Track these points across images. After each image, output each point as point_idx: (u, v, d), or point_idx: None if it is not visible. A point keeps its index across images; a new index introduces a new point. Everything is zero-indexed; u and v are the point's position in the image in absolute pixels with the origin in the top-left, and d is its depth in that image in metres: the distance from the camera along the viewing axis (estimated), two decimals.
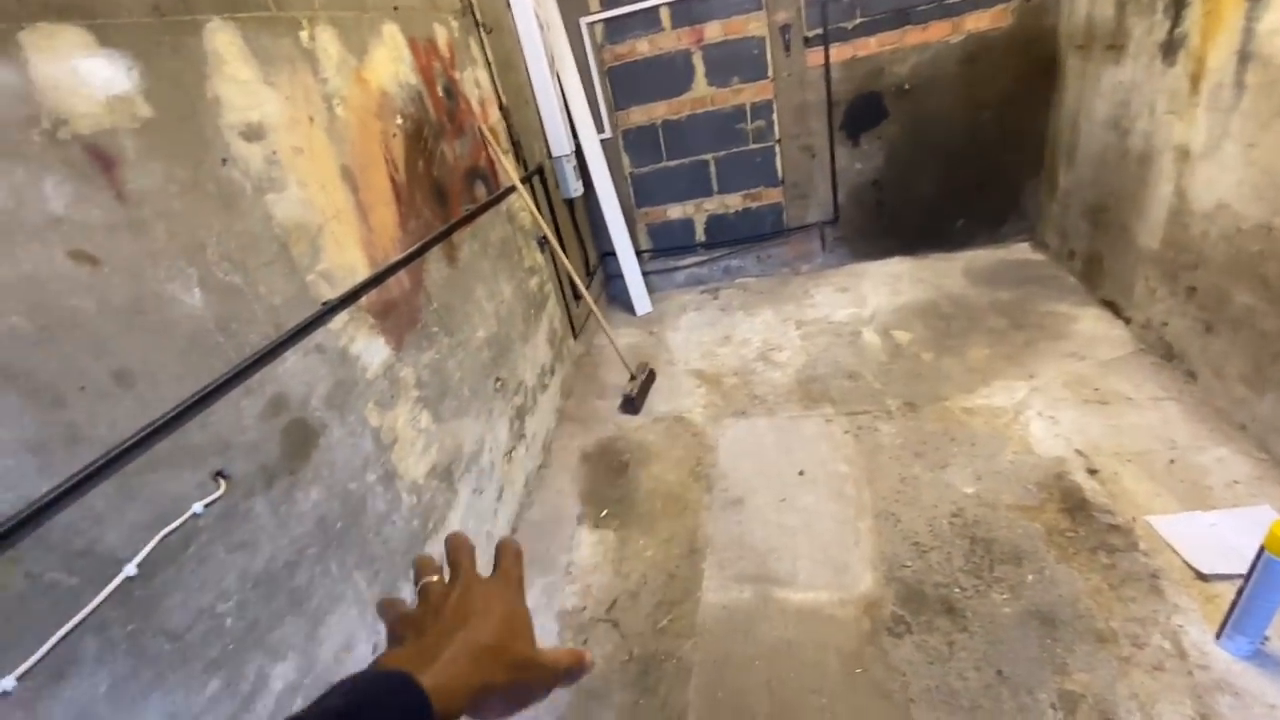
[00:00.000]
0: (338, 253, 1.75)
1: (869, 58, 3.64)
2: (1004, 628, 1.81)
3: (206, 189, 1.37)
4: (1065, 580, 1.89)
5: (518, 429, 2.78)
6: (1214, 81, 2.22)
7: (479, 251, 2.62)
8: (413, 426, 1.98)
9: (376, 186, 1.98)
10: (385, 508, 1.80)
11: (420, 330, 2.11)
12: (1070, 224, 3.47)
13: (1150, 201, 2.68)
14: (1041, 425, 2.49)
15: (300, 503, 1.51)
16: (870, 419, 2.77)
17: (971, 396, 2.75)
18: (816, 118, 3.86)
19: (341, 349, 1.72)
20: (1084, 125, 3.22)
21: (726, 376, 3.37)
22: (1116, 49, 2.85)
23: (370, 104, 2.01)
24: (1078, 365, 2.77)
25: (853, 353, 3.28)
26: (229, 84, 1.47)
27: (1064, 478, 2.23)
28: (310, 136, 1.71)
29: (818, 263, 4.35)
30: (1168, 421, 2.36)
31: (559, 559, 2.44)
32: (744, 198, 4.22)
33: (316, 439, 1.58)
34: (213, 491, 1.28)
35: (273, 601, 1.40)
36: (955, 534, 2.13)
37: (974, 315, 3.35)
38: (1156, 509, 2.03)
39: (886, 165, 3.93)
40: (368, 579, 1.70)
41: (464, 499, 2.23)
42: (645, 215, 4.40)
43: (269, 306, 1.48)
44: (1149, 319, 2.75)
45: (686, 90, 3.91)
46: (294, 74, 1.68)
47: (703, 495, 2.59)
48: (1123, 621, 1.74)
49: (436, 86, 2.47)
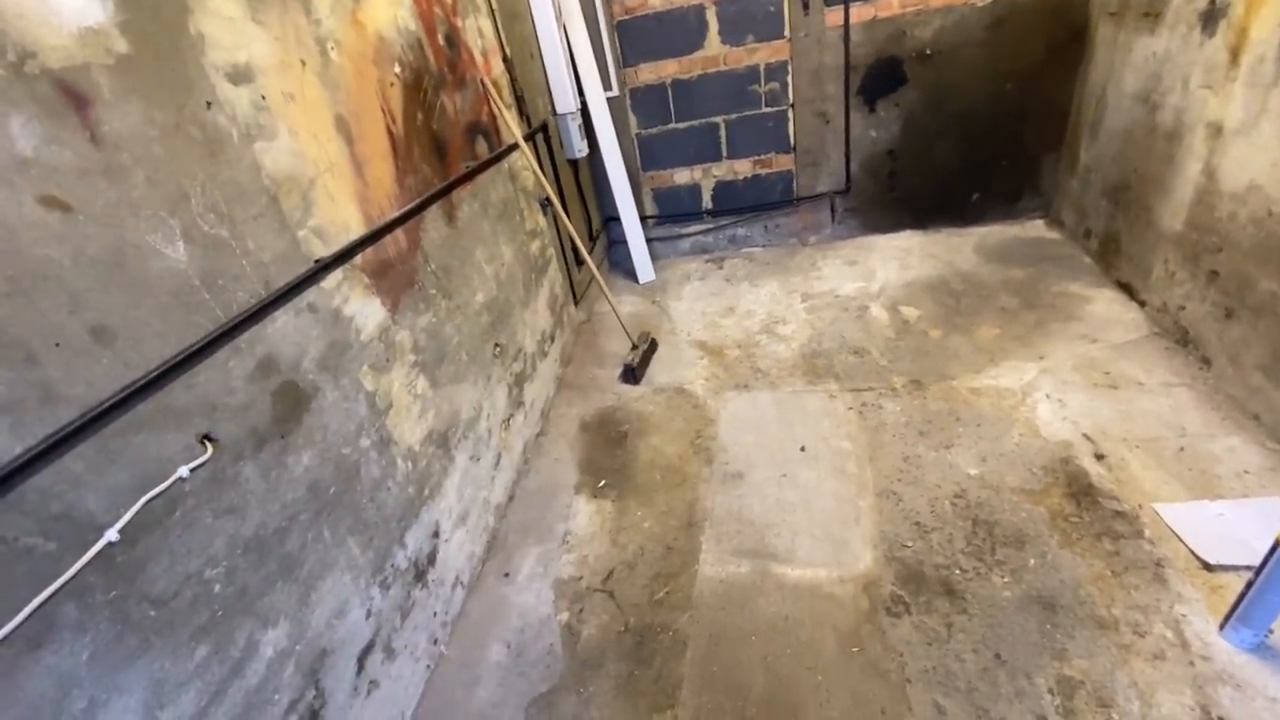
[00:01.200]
0: (331, 208, 1.66)
1: (891, 19, 3.48)
2: (1004, 611, 1.79)
3: (190, 134, 1.29)
4: (1068, 565, 1.87)
5: (516, 396, 2.73)
6: (1256, 55, 2.11)
7: (479, 212, 2.53)
8: (409, 391, 1.93)
9: (372, 139, 1.88)
10: (380, 473, 1.76)
11: (417, 292, 2.04)
12: (1089, 201, 3.37)
13: (1176, 180, 2.58)
14: (1049, 408, 2.44)
15: (292, 467, 1.46)
16: (875, 396, 2.72)
17: (979, 376, 2.70)
18: (833, 82, 3.71)
19: (335, 309, 1.65)
20: (1111, 98, 3.10)
21: (729, 348, 3.31)
22: (1153, 17, 2.71)
23: (367, 49, 1.89)
24: (1089, 348, 2.71)
25: (859, 328, 3.22)
26: (213, 20, 1.36)
27: (1070, 462, 2.19)
28: (302, 81, 1.61)
29: (826, 234, 4.25)
30: (1179, 408, 2.31)
31: (556, 528, 2.42)
32: (754, 164, 4.09)
33: (309, 402, 1.53)
34: (199, 455, 1.23)
35: (263, 568, 1.37)
36: (957, 515, 2.10)
37: (984, 293, 3.27)
38: (1164, 496, 2.00)
39: (903, 134, 3.80)
40: (361, 545, 1.67)
41: (460, 466, 2.20)
42: (651, 179, 4.27)
43: (258, 262, 1.41)
44: (1165, 302, 2.69)
45: (698, 48, 3.74)
46: (285, 12, 1.57)
47: (702, 468, 2.56)
48: (1124, 609, 1.72)
49: (437, 34, 2.34)
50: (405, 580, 1.84)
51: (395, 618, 1.79)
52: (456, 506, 2.15)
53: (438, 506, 2.03)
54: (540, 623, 2.06)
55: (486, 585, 2.24)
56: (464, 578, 2.17)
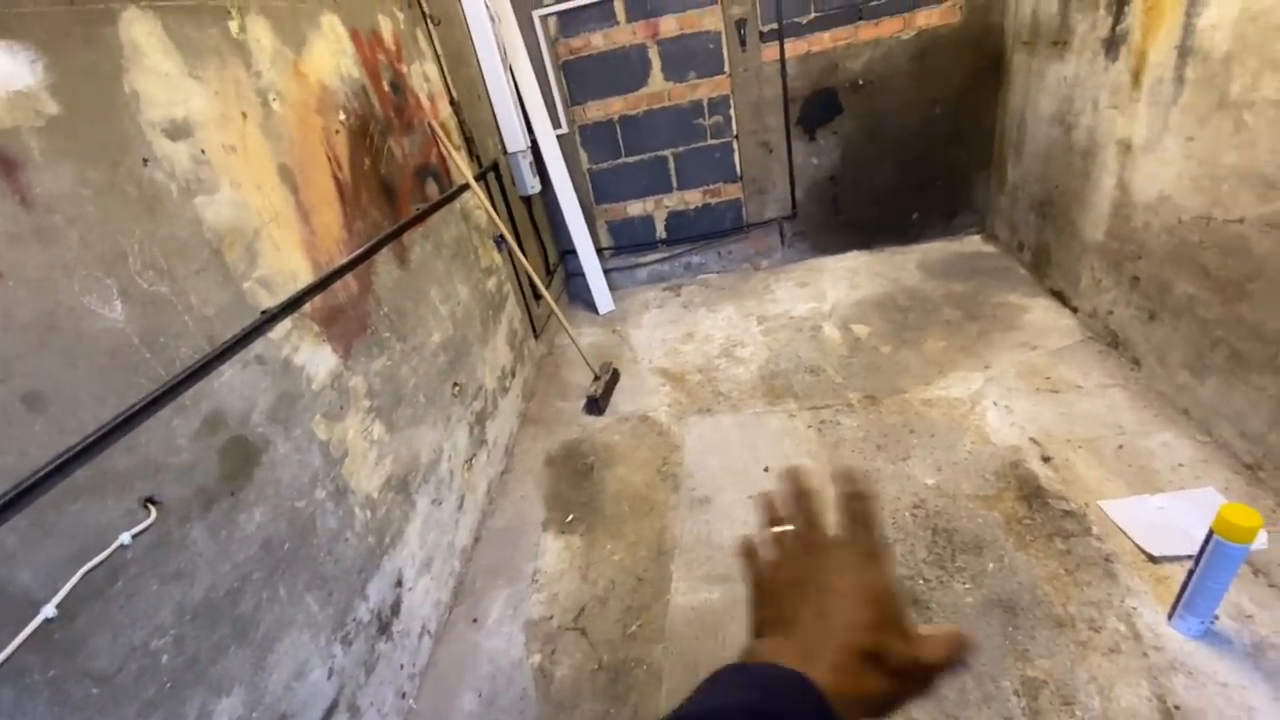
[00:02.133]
0: (277, 257, 1.65)
1: (823, 53, 3.66)
2: (967, 618, 1.83)
3: (126, 191, 1.27)
4: (1024, 567, 1.93)
5: (478, 435, 2.70)
6: (1155, 76, 2.29)
7: (432, 252, 2.53)
8: (365, 438, 1.90)
9: (319, 186, 1.88)
10: (337, 525, 1.72)
11: (370, 336, 2.02)
12: (1019, 216, 3.56)
13: (1094, 194, 2.76)
14: (997, 415, 2.54)
15: (243, 525, 1.42)
16: (832, 413, 2.78)
17: (929, 388, 2.79)
18: (773, 113, 3.87)
19: (284, 359, 1.62)
20: (1030, 120, 3.31)
21: (690, 374, 3.35)
22: (1061, 45, 2.92)
23: (310, 99, 1.90)
24: (1030, 355, 2.84)
25: (814, 347, 3.30)
26: (149, 77, 1.36)
27: (1020, 466, 2.28)
28: (244, 133, 1.61)
29: (777, 258, 4.37)
30: (1115, 408, 2.43)
31: (524, 567, 2.38)
32: (704, 194, 4.20)
33: (259, 456, 1.49)
34: (142, 520, 1.19)
35: (214, 633, 1.31)
36: (918, 525, 2.15)
37: (929, 307, 3.41)
38: (1107, 493, 2.09)
39: (842, 160, 3.97)
40: (320, 600, 1.61)
41: (422, 510, 2.15)
42: (605, 212, 4.34)
43: (201, 317, 1.38)
44: (1095, 308, 2.84)
45: (643, 85, 3.86)
46: (223, 67, 1.58)
47: (669, 495, 2.56)
48: (1079, 606, 1.78)
49: (382, 81, 2.36)
50: (368, 634, 1.78)
51: (359, 674, 1.73)
52: (420, 553, 2.10)
53: (400, 554, 1.98)
54: (512, 667, 2.01)
55: (455, 632, 2.18)
56: (431, 626, 2.11)
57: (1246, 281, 1.96)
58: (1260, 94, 1.82)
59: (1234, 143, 1.94)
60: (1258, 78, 1.83)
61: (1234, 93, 1.92)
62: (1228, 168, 1.98)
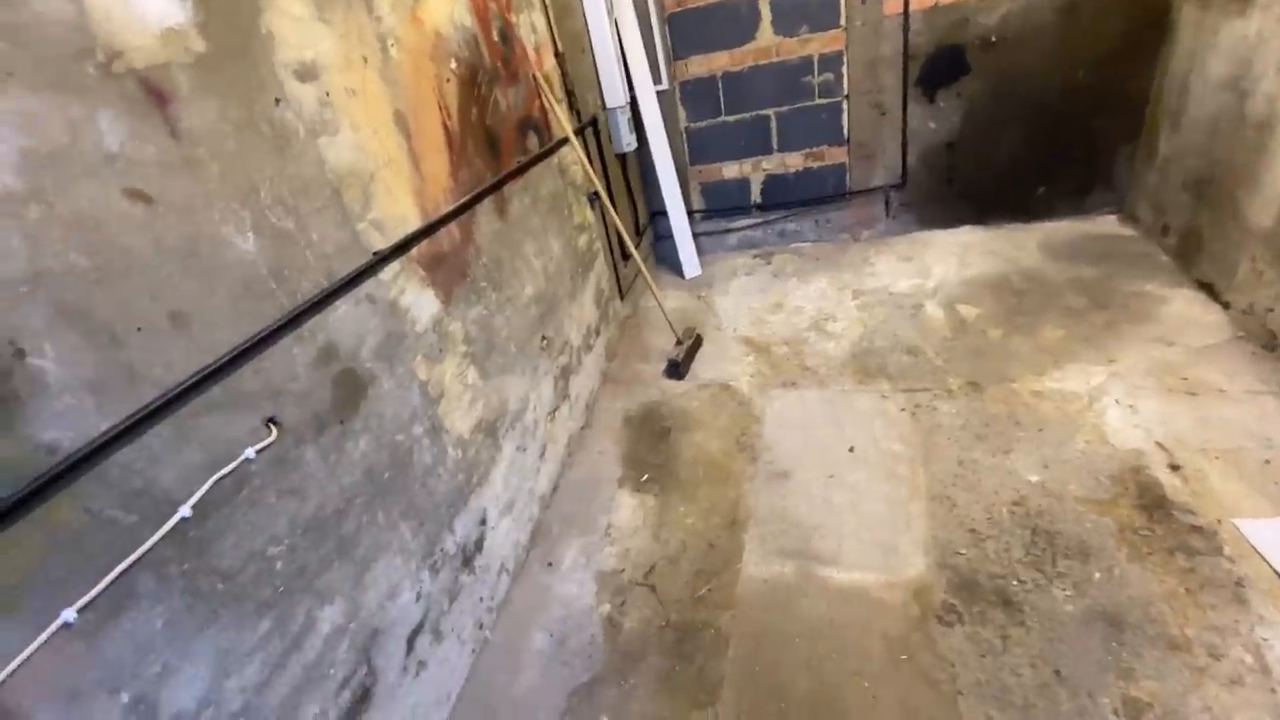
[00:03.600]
0: (389, 201, 1.71)
1: (953, 6, 3.34)
2: (1065, 626, 1.71)
3: (260, 129, 1.34)
4: (1137, 581, 1.77)
5: (562, 389, 2.75)
6: None
7: (529, 205, 2.56)
8: (460, 381, 1.97)
9: (429, 133, 1.92)
10: (431, 460, 1.80)
11: (469, 284, 2.07)
12: (1168, 196, 3.17)
13: (1268, 173, 2.40)
14: (1119, 414, 2.31)
15: (349, 452, 1.51)
16: (929, 397, 2.63)
17: (1042, 379, 2.57)
18: (890, 72, 3.59)
19: (392, 300, 1.69)
20: (1195, 86, 2.90)
21: (776, 345, 3.26)
22: None
23: (425, 46, 1.93)
24: (1165, 351, 2.56)
25: (913, 326, 3.12)
26: (282, 19, 1.41)
27: (1141, 472, 2.07)
28: (364, 78, 1.65)
29: (880, 229, 4.13)
30: (1265, 418, 2.15)
31: (599, 520, 2.43)
32: (805, 157, 4.00)
33: (366, 390, 1.58)
34: (265, 438, 1.29)
35: (321, 547, 1.42)
36: (1015, 523, 2.01)
37: (1049, 292, 3.12)
38: (1246, 511, 1.87)
39: (963, 126, 3.65)
40: (413, 529, 1.71)
41: (507, 455, 2.23)
42: (699, 173, 4.23)
43: (321, 254, 1.46)
44: (1252, 304, 2.50)
45: (750, 40, 3.68)
46: (348, 10, 1.62)
47: (746, 466, 2.53)
48: (1199, 630, 1.62)
49: (492, 30, 2.37)
50: (453, 565, 1.89)
51: (444, 601, 1.84)
52: (503, 495, 2.19)
53: (485, 494, 2.07)
54: (582, 613, 2.08)
55: (530, 574, 2.27)
56: (509, 565, 2.21)
57: None
58: None
59: None
60: None
61: None
62: None
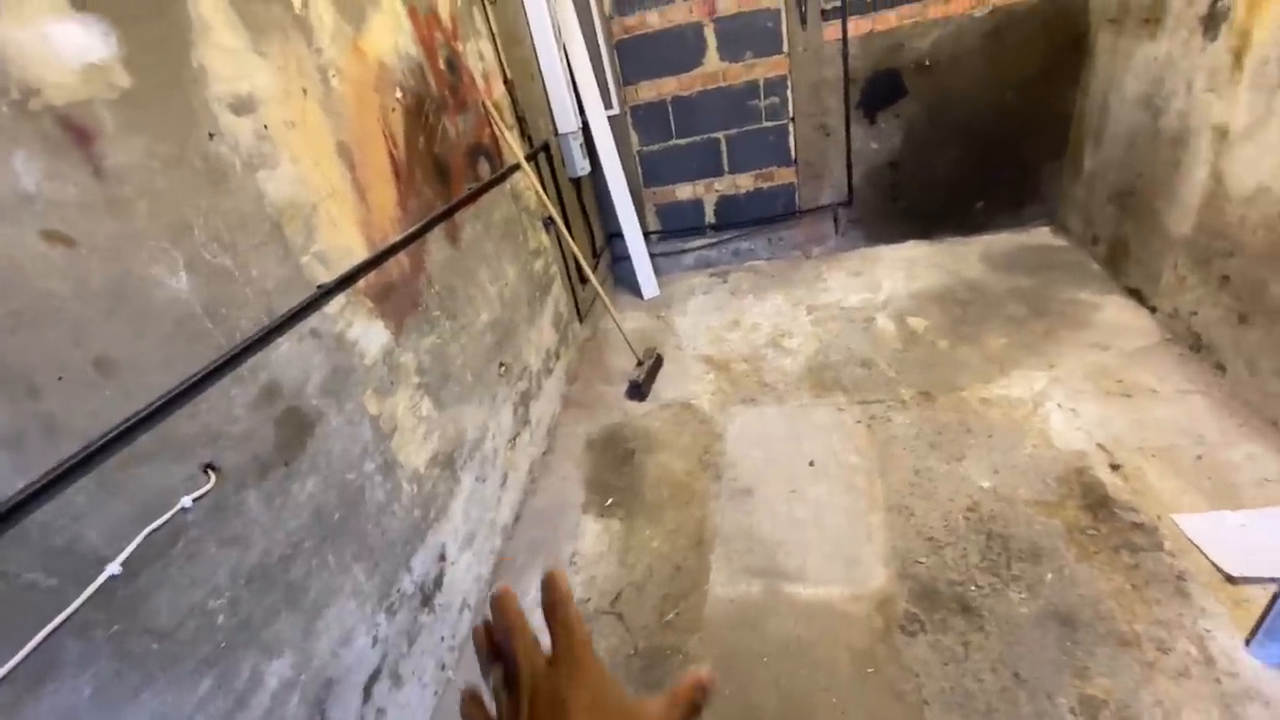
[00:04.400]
0: (333, 233, 1.67)
1: (888, 32, 3.49)
2: (1021, 628, 1.75)
3: (193, 165, 1.30)
4: (1086, 580, 1.82)
5: (522, 415, 2.72)
6: (1259, 57, 2.10)
7: (482, 232, 2.54)
8: (413, 414, 1.92)
9: (375, 163, 1.90)
10: (384, 498, 1.75)
11: (421, 314, 2.04)
12: (1095, 208, 3.35)
13: (1183, 185, 2.56)
14: (1062, 417, 2.40)
15: (296, 494, 1.46)
16: (883, 408, 2.69)
17: (989, 386, 2.66)
18: (833, 95, 3.72)
19: (338, 334, 1.65)
20: (1114, 104, 3.09)
21: (735, 362, 3.30)
22: (1152, 23, 2.71)
23: (368, 76, 1.92)
24: (1100, 355, 2.68)
25: (866, 339, 3.19)
26: (215, 52, 1.38)
27: (1085, 473, 2.15)
28: (304, 110, 1.63)
29: (830, 246, 4.24)
30: (1194, 416, 2.27)
31: (563, 548, 2.40)
32: (755, 178, 4.10)
33: (312, 428, 1.52)
34: (202, 485, 1.23)
35: (267, 596, 1.36)
36: (971, 529, 2.06)
37: (992, 302, 3.25)
38: (1183, 507, 1.96)
39: (904, 145, 3.80)
40: (366, 571, 1.65)
41: (467, 487, 2.18)
42: (654, 195, 4.28)
43: (261, 290, 1.41)
44: (1177, 308, 2.65)
45: (697, 65, 3.77)
46: (286, 43, 1.59)
47: (710, 485, 2.53)
48: (1147, 625, 1.68)
49: (438, 59, 2.37)
50: (412, 605, 1.82)
51: (402, 644, 1.77)
52: (463, 528, 2.13)
53: (444, 529, 2.02)
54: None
55: None
56: (471, 600, 2.15)
57: None
58: None
59: None
60: None
61: None
62: None
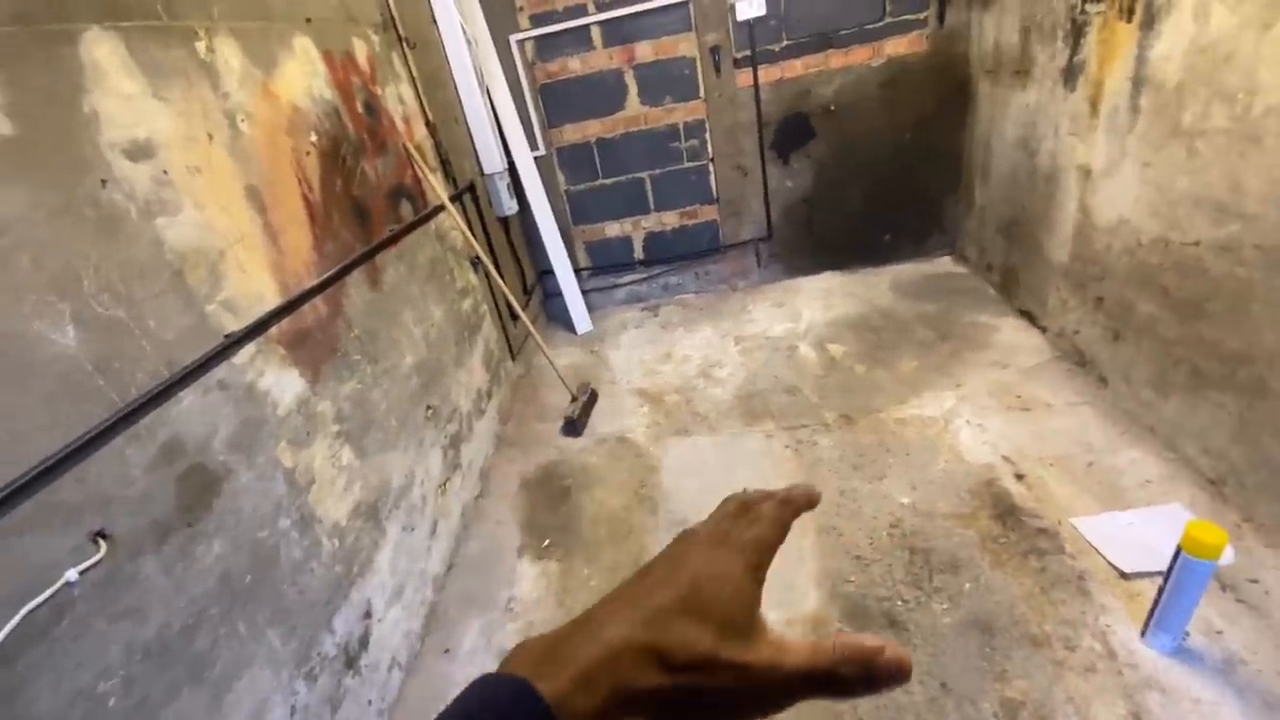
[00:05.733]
0: (243, 280, 1.61)
1: (796, 79, 3.74)
2: (945, 638, 1.83)
3: (82, 213, 1.23)
4: (1000, 586, 1.93)
5: (452, 458, 2.65)
6: (1111, 105, 2.38)
7: (406, 274, 2.50)
8: (333, 464, 1.85)
9: (288, 207, 1.85)
10: (302, 555, 1.66)
11: (340, 359, 1.98)
12: (987, 238, 3.65)
13: (1058, 217, 2.84)
14: (970, 433, 2.57)
15: (200, 558, 1.36)
16: (809, 433, 2.79)
17: (904, 407, 2.82)
18: (748, 137, 3.93)
19: (248, 384, 1.58)
20: (996, 145, 3.40)
21: (668, 394, 3.35)
22: (1022, 74, 3.02)
23: (280, 120, 1.88)
24: (1001, 373, 2.89)
25: (790, 367, 3.32)
26: (109, 98, 1.33)
27: (994, 484, 2.30)
28: (209, 155, 1.58)
29: (754, 279, 4.41)
30: (1084, 426, 2.48)
31: (499, 595, 2.32)
32: (680, 215, 4.24)
33: (219, 486, 1.44)
34: (91, 555, 1.13)
35: (167, 673, 1.25)
36: (895, 545, 2.15)
37: (902, 327, 3.45)
38: (1079, 510, 2.11)
39: (815, 183, 4.04)
40: (282, 636, 1.55)
41: (393, 537, 2.10)
42: (583, 233, 4.35)
43: (160, 342, 1.34)
44: (1062, 328, 2.91)
45: (620, 109, 3.90)
46: (190, 88, 1.55)
47: (647, 518, 2.54)
48: (1055, 625, 1.79)
49: (356, 102, 2.35)
50: (334, 669, 1.72)
51: (324, 712, 1.66)
52: (390, 582, 2.04)
53: (369, 584, 1.92)
54: None
55: (426, 665, 2.12)
56: (401, 658, 2.04)
57: (1204, 302, 2.02)
58: (1211, 123, 1.90)
59: (1187, 169, 2.01)
60: (1208, 107, 1.90)
61: (1186, 121, 1.99)
62: (1182, 193, 2.05)
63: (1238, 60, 1.78)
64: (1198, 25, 1.90)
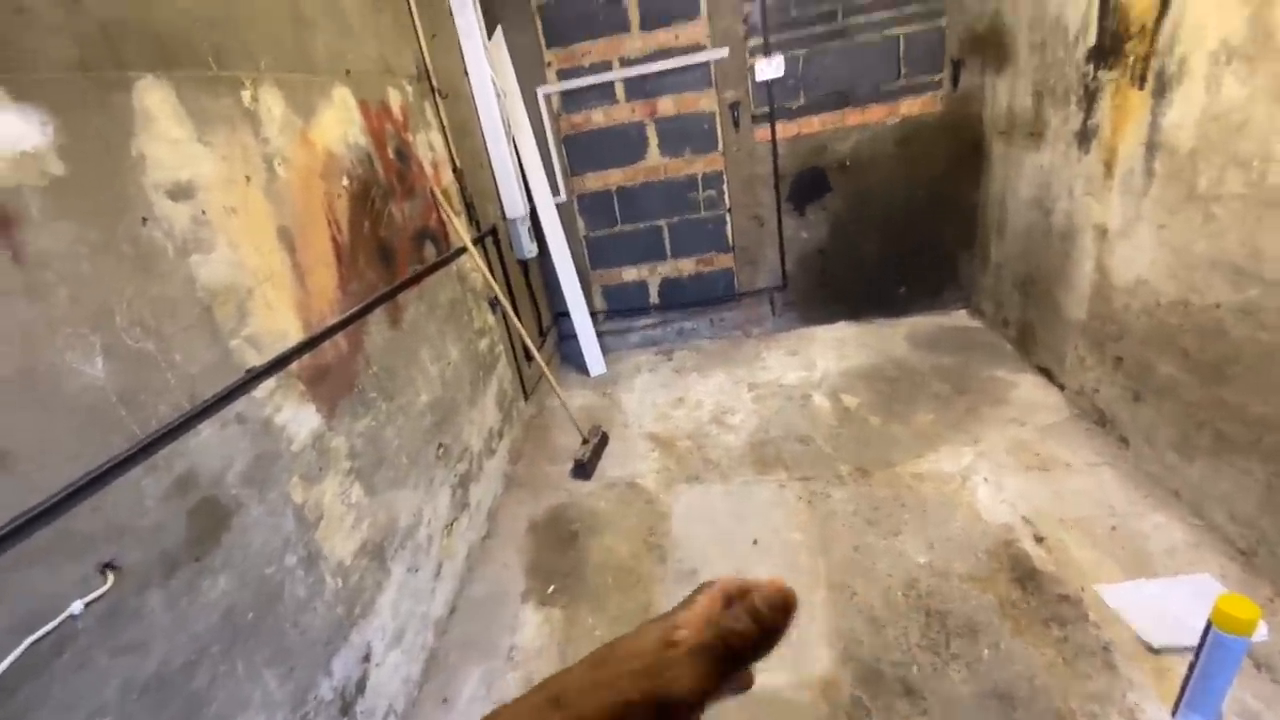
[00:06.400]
0: (268, 316, 1.65)
1: (812, 135, 3.84)
2: (963, 708, 1.75)
3: (121, 250, 1.28)
4: (1020, 655, 1.86)
5: (460, 498, 2.64)
6: (1125, 168, 2.40)
7: (426, 313, 2.55)
8: (342, 501, 1.85)
9: (317, 247, 1.91)
10: (305, 594, 1.64)
11: (356, 396, 2.00)
12: (1003, 294, 3.65)
13: (1075, 275, 2.84)
14: (988, 491, 2.51)
15: (205, 593, 1.35)
16: (823, 485, 2.75)
17: (920, 462, 2.77)
18: (764, 189, 4.01)
19: (266, 419, 1.60)
20: (1011, 203, 3.44)
21: (680, 440, 3.33)
22: (1036, 136, 3.08)
23: (315, 164, 1.96)
24: (1018, 431, 2.84)
25: (804, 416, 3.29)
26: (157, 142, 1.40)
27: (1012, 545, 2.24)
28: (246, 196, 1.64)
29: (768, 326, 4.43)
30: (1104, 487, 2.41)
31: (501, 642, 2.27)
32: (696, 262, 4.30)
33: (229, 519, 1.44)
34: (97, 587, 1.13)
35: (163, 711, 1.23)
36: (910, 606, 2.08)
37: (918, 380, 3.43)
38: (1102, 577, 2.04)
39: (831, 235, 4.09)
40: (280, 677, 1.52)
41: (397, 578, 2.07)
42: (600, 277, 4.42)
43: (184, 375, 1.37)
44: (1081, 386, 2.87)
45: (640, 159, 4.02)
46: (232, 133, 1.63)
47: (655, 567, 2.49)
48: (1080, 700, 1.71)
49: (387, 148, 2.45)
50: (329, 714, 1.68)
51: None
52: (391, 625, 2.01)
53: (370, 626, 1.89)
54: None
55: (423, 713, 2.06)
56: (398, 706, 1.99)
57: (1226, 365, 1.99)
58: (1226, 188, 1.91)
59: (1204, 232, 2.02)
60: (1223, 172, 1.92)
61: (1201, 186, 2.01)
62: (1199, 256, 2.05)
63: (1251, 129, 1.80)
64: (1209, 95, 1.94)
